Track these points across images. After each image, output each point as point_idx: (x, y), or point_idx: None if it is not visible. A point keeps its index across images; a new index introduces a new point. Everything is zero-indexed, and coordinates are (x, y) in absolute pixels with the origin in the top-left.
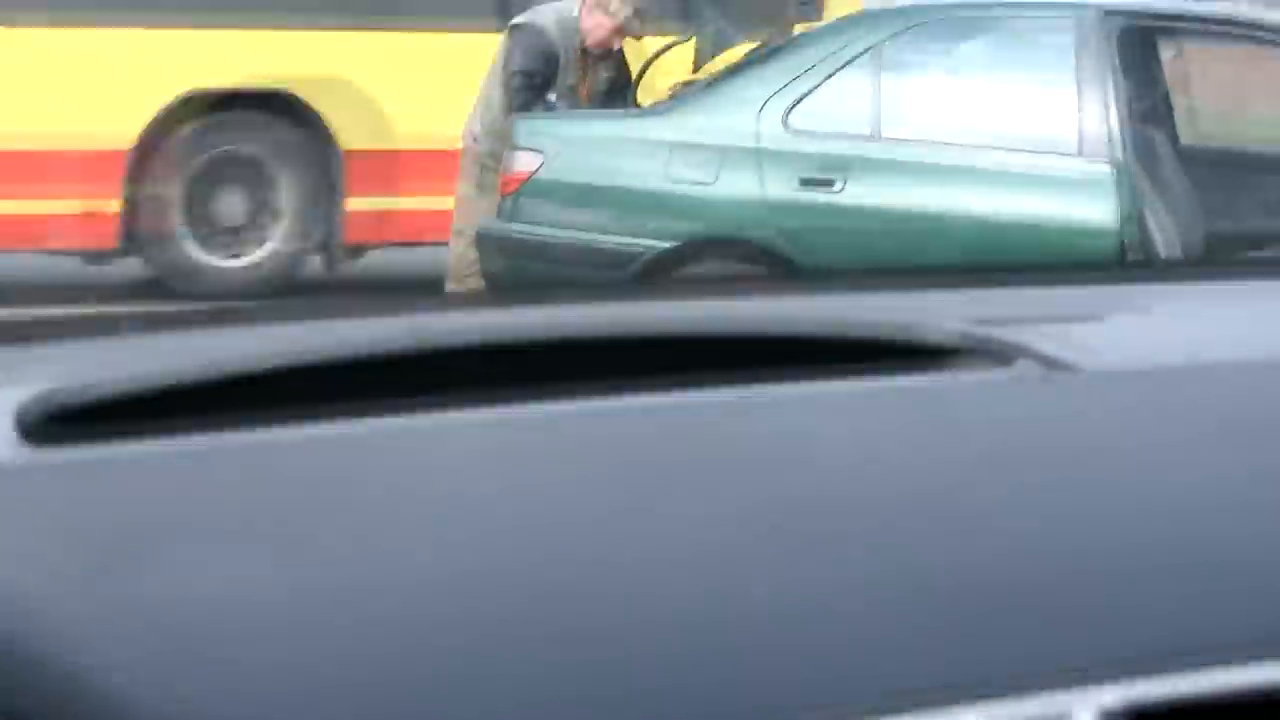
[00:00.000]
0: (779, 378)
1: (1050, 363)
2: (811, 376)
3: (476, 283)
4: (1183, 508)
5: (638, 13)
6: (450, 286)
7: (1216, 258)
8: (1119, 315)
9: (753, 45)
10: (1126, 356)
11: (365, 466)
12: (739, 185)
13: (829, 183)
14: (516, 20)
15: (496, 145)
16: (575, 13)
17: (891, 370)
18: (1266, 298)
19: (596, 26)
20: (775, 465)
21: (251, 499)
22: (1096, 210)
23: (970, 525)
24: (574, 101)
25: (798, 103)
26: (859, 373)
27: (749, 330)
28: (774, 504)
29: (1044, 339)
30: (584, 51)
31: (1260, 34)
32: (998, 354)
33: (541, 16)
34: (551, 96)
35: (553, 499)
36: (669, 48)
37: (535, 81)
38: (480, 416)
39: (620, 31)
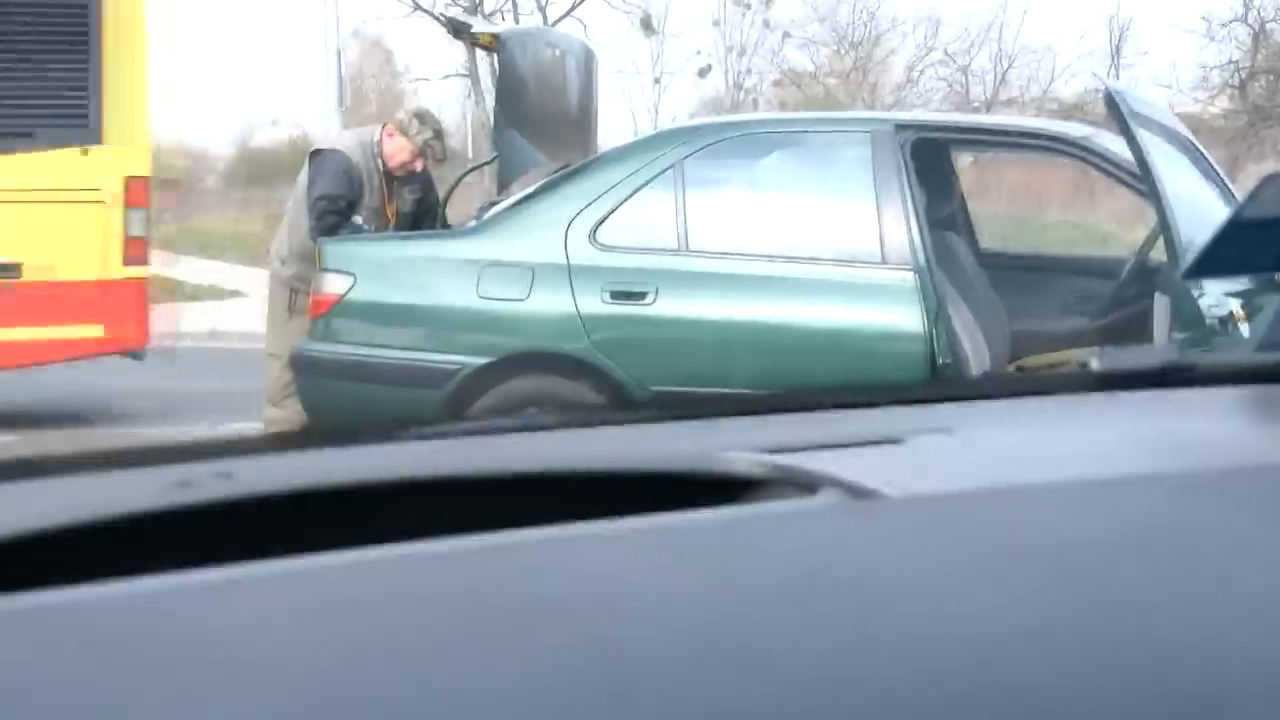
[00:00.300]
0: (583, 515)
1: (854, 491)
2: (616, 513)
3: (294, 404)
4: (983, 634)
5: (438, 135)
6: (267, 410)
7: (1021, 357)
8: (922, 438)
9: (557, 164)
10: (931, 482)
11: (153, 628)
12: (551, 301)
13: (640, 295)
14: (318, 145)
15: (304, 268)
16: (376, 136)
17: (696, 504)
18: (1063, 415)
19: (397, 150)
20: (576, 607)
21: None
22: (902, 315)
23: (771, 659)
24: (380, 223)
25: (605, 219)
26: (663, 508)
27: (552, 469)
28: (576, 648)
29: (848, 466)
30: (387, 174)
31: (1048, 144)
32: (802, 484)
33: (343, 141)
34: (358, 219)
35: (353, 649)
36: (475, 168)
37: (339, 205)
38: (270, 569)
39: (420, 155)
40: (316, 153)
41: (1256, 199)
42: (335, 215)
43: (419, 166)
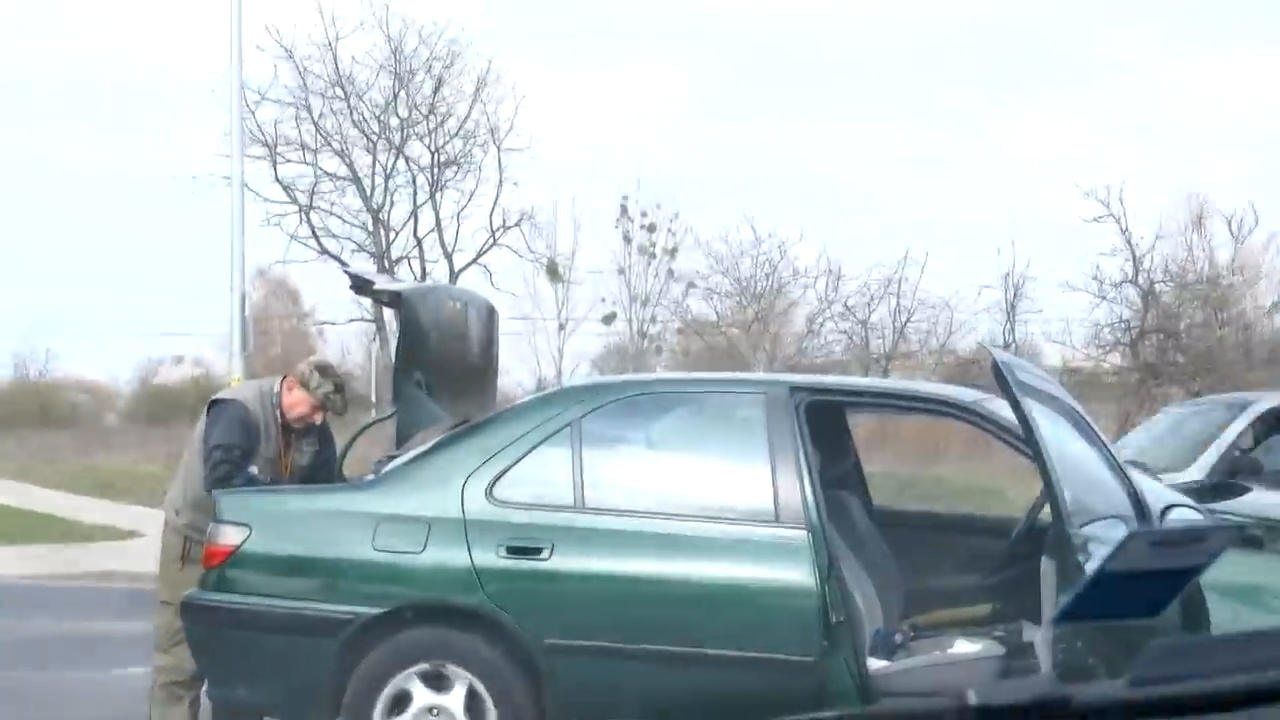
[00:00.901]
0: None
1: None
2: None
3: (181, 651)
4: None
5: (339, 389)
6: (155, 657)
7: (914, 614)
8: None
9: (457, 419)
10: None
11: None
12: (447, 554)
13: (536, 550)
14: (216, 396)
15: (198, 518)
16: (276, 388)
17: None
18: None
19: (297, 403)
20: None
21: None
22: (796, 572)
23: None
24: (276, 474)
25: (502, 475)
26: None
27: None
28: None
29: None
30: (285, 425)
31: (939, 408)
32: None
33: (241, 392)
34: (253, 469)
35: None
36: (375, 422)
37: (234, 455)
38: None
39: (320, 407)
40: (214, 403)
41: (1120, 555)
42: (229, 465)
43: (318, 419)
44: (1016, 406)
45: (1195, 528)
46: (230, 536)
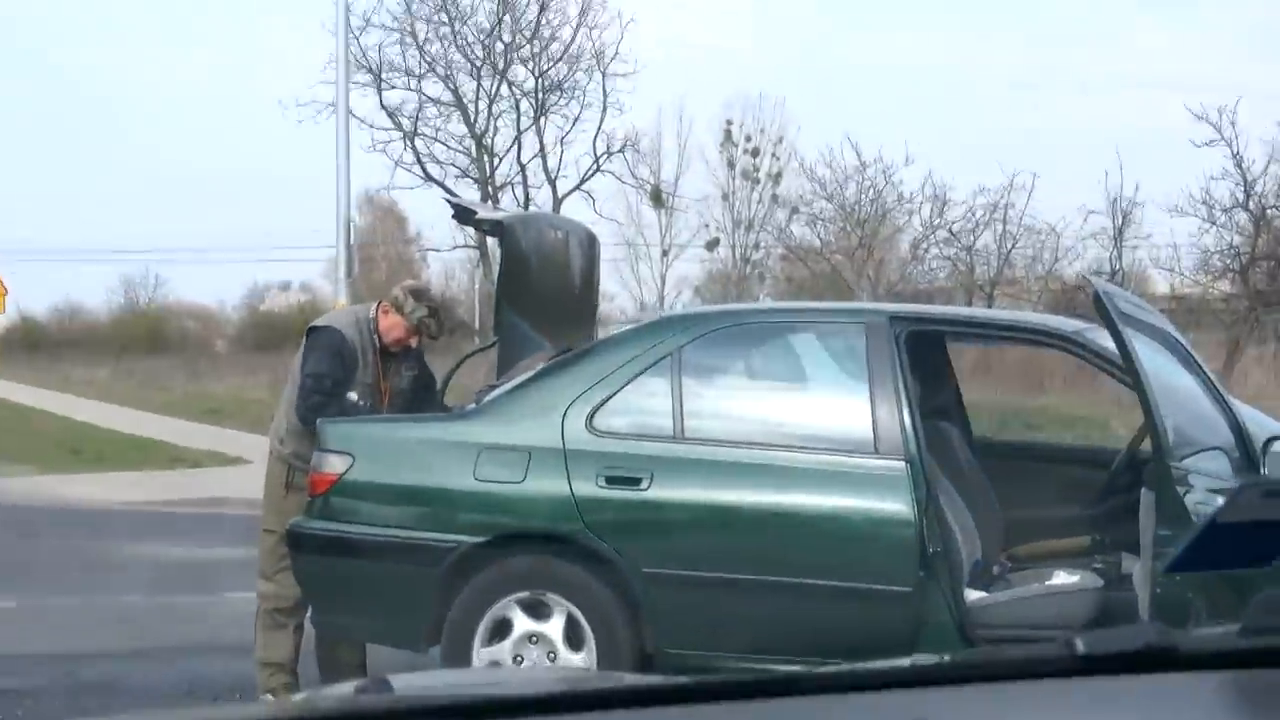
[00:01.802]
0: None
1: None
2: None
3: (285, 579)
4: None
5: (433, 313)
6: (260, 584)
7: (1013, 545)
8: None
9: (557, 349)
10: None
11: None
12: (547, 484)
13: (635, 481)
14: (314, 323)
15: (301, 446)
16: (372, 313)
17: None
18: (1048, 707)
19: (392, 327)
20: None
21: None
22: (894, 503)
23: None
24: (375, 399)
25: (602, 405)
26: None
27: None
28: None
29: None
30: (383, 350)
31: (1040, 338)
32: None
33: (339, 319)
34: (352, 395)
35: None
36: (476, 351)
37: (324, 385)
38: None
39: (415, 331)
40: (312, 330)
41: (1231, 505)
42: (321, 395)
43: (414, 343)
44: (1117, 337)
45: None
46: (334, 465)
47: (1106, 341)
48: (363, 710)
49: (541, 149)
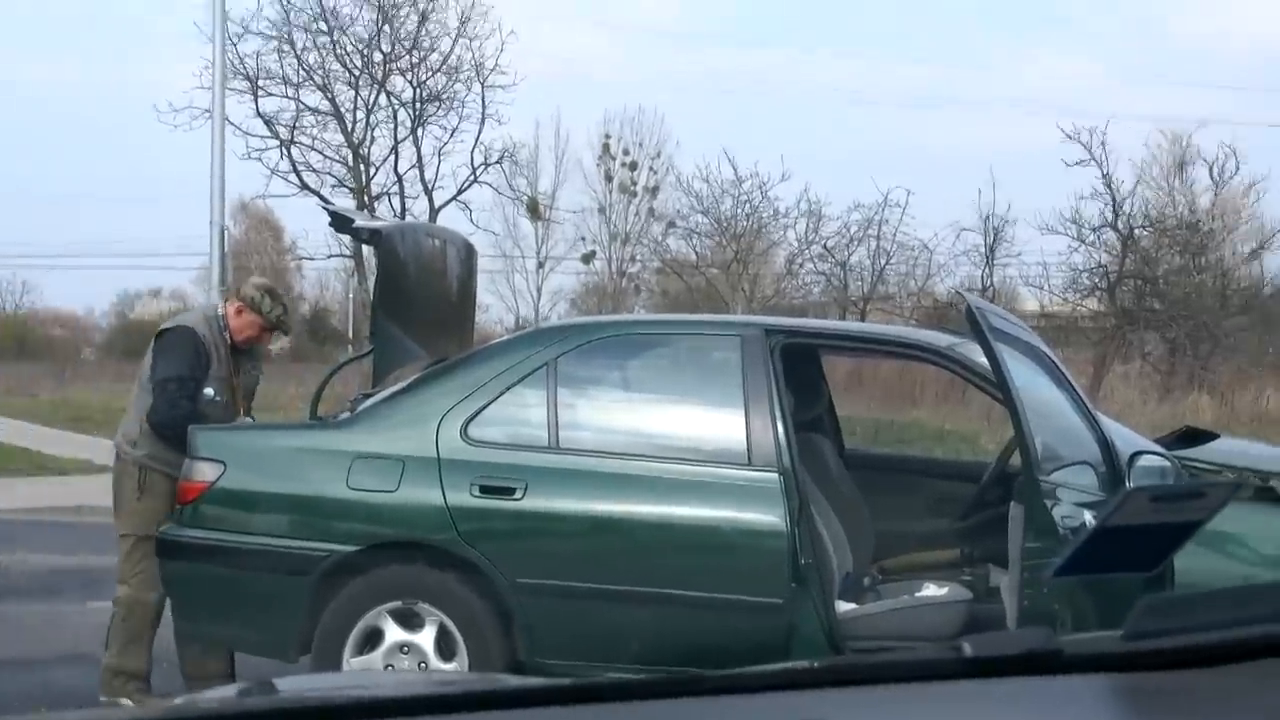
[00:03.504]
0: None
1: None
2: None
3: (141, 582)
4: None
5: (286, 310)
6: (120, 590)
7: (883, 558)
8: None
9: (433, 358)
10: None
11: None
12: (420, 493)
13: (509, 490)
14: (165, 326)
15: (156, 448)
16: (221, 310)
17: None
18: (937, 707)
19: (247, 325)
20: None
21: None
22: (767, 514)
23: None
24: (228, 394)
25: (477, 414)
26: None
27: None
28: None
29: None
30: (232, 347)
31: (914, 352)
32: None
33: (188, 319)
34: (209, 391)
35: None
36: (350, 360)
37: (188, 387)
38: None
39: (272, 328)
40: (164, 332)
41: (1120, 510)
42: (183, 395)
43: (267, 340)
44: (989, 351)
45: (1198, 483)
46: (205, 472)
47: (978, 356)
48: (248, 711)
49: (419, 159)
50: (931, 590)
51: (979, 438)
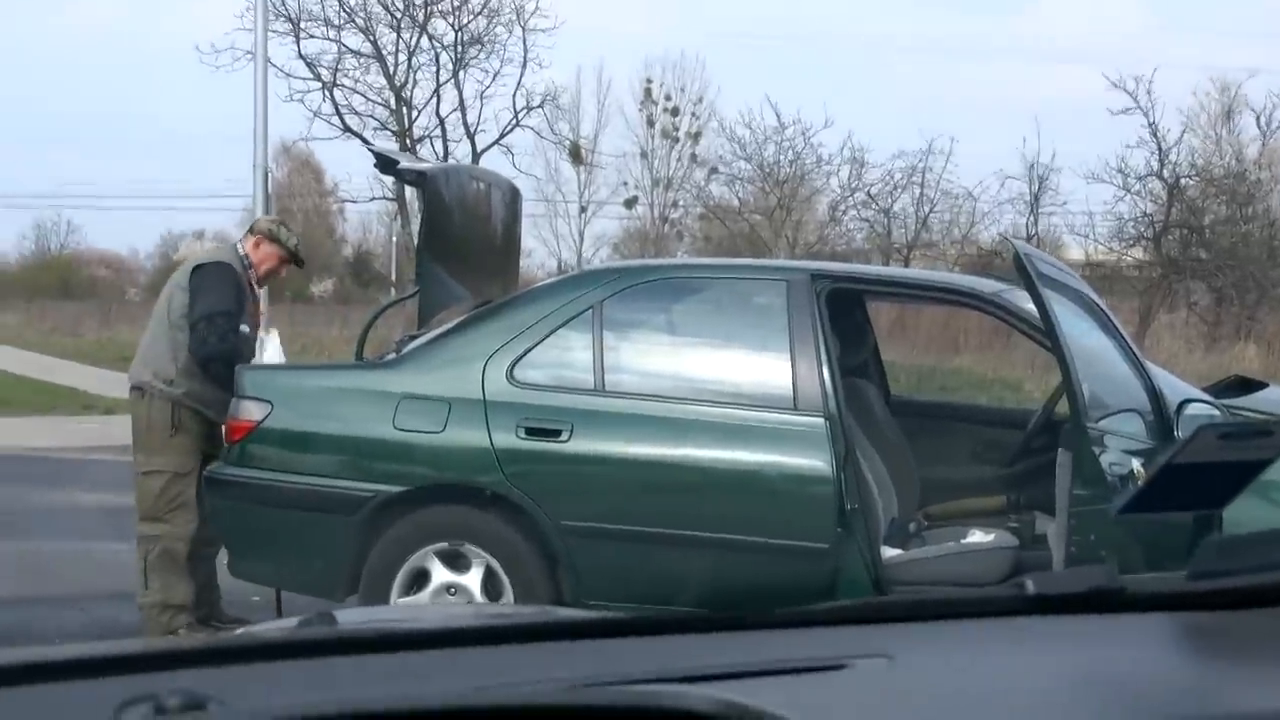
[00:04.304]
0: None
1: None
2: None
3: (180, 517)
4: None
5: (299, 241)
6: (146, 527)
7: (929, 504)
8: (864, 665)
9: (479, 300)
10: None
11: None
12: (466, 435)
13: (555, 433)
14: (202, 262)
15: (194, 385)
16: (243, 249)
17: None
18: (999, 643)
19: (268, 257)
20: None
21: None
22: (812, 459)
23: None
24: (255, 331)
25: (522, 357)
26: None
27: (511, 703)
28: None
29: (798, 700)
30: (254, 283)
31: (959, 299)
32: None
33: (221, 255)
34: (244, 328)
35: None
36: (395, 302)
37: (235, 320)
38: None
39: (290, 258)
40: (202, 268)
41: (1188, 447)
42: (235, 334)
43: (284, 272)
44: (1037, 298)
45: (1266, 421)
46: (253, 412)
47: (1025, 303)
48: (309, 640)
49: (461, 103)
50: (978, 537)
51: (1023, 385)
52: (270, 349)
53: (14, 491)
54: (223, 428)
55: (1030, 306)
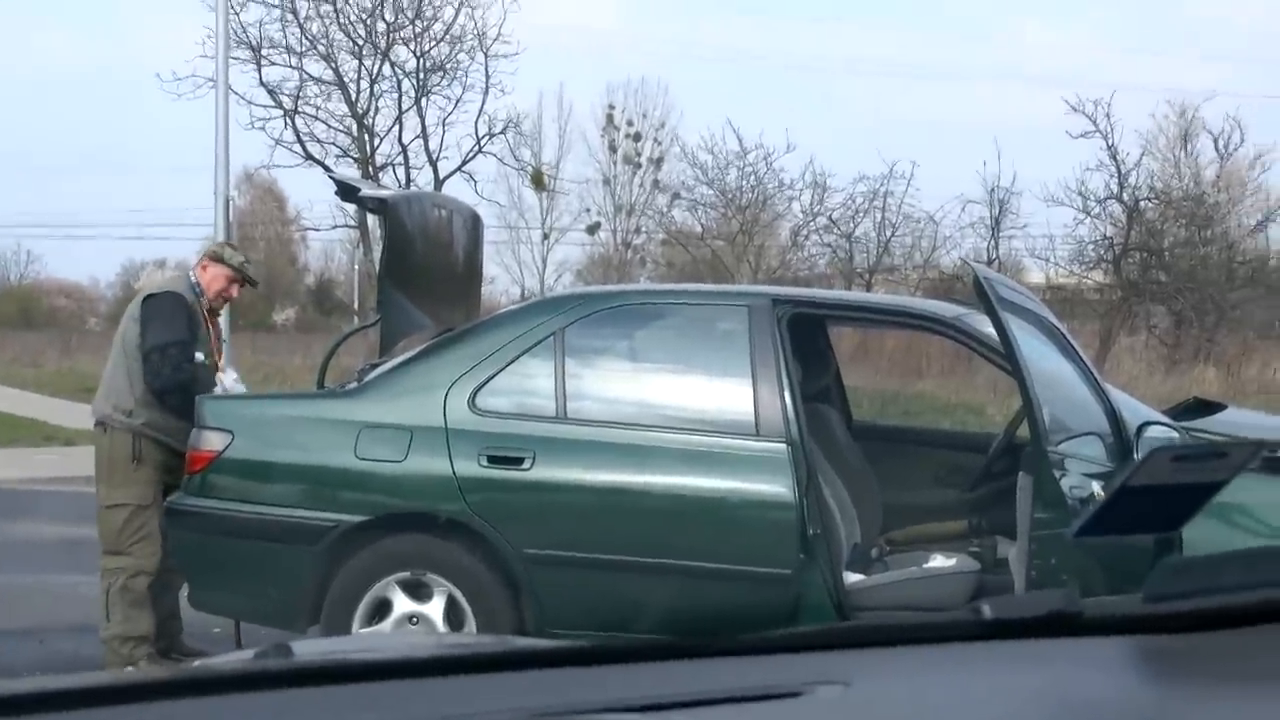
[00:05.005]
0: None
1: None
2: None
3: (143, 549)
4: None
5: (247, 260)
6: (109, 560)
7: (892, 529)
8: (821, 692)
9: (441, 328)
10: None
11: None
12: (428, 463)
13: (517, 460)
14: (152, 292)
15: (154, 415)
16: (193, 277)
17: None
18: (957, 669)
19: (215, 278)
20: None
21: None
22: (775, 485)
23: None
24: (211, 359)
25: (484, 384)
26: None
27: None
28: None
29: None
30: (208, 310)
31: (921, 323)
32: None
33: (173, 285)
34: (199, 355)
35: None
36: (356, 330)
37: (188, 350)
38: None
39: (237, 277)
40: (151, 297)
41: (1143, 470)
42: (189, 363)
43: (235, 293)
44: (997, 322)
45: (1220, 443)
46: (213, 442)
47: (986, 327)
48: (266, 673)
49: (423, 129)
50: (939, 561)
51: (985, 409)
52: (229, 385)
53: None
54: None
55: (991, 330)
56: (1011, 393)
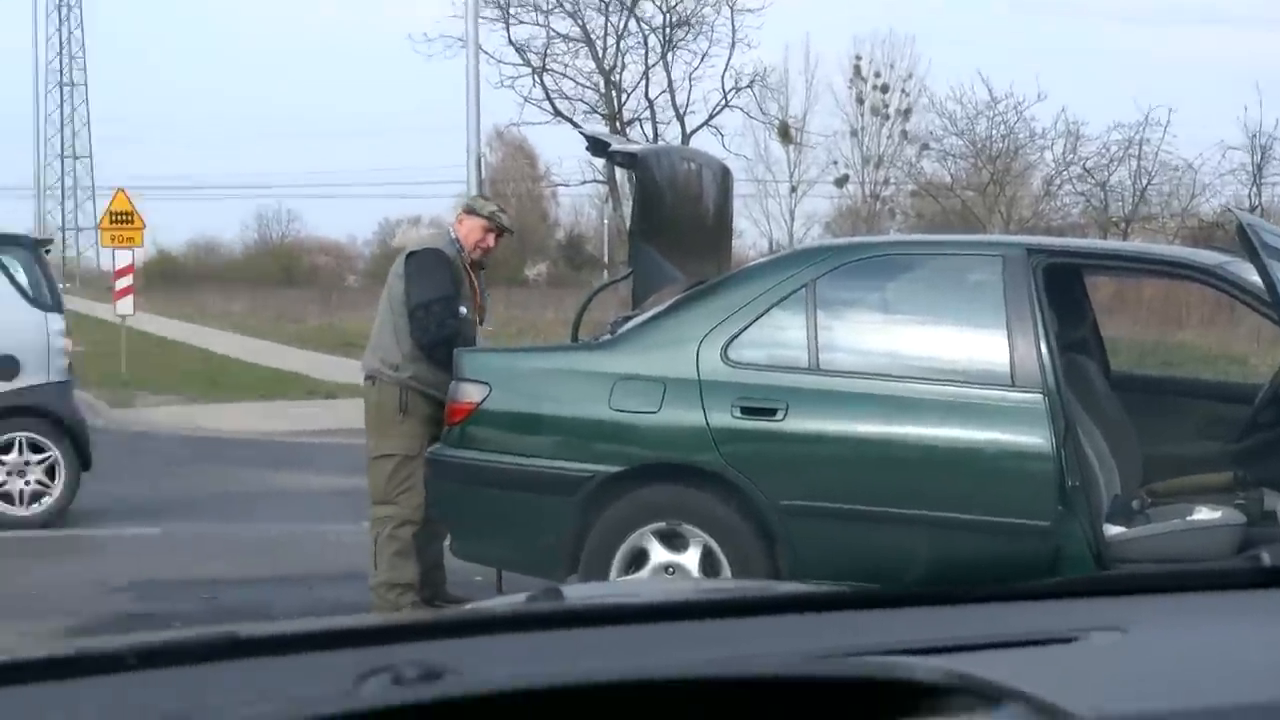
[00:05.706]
0: None
1: (1041, 709)
2: None
3: (409, 499)
4: None
5: (501, 208)
6: (378, 510)
7: (1152, 481)
8: (1095, 638)
9: (692, 280)
10: (1118, 700)
11: None
12: (682, 415)
13: (771, 412)
14: (414, 249)
15: (421, 369)
16: (452, 234)
17: (876, 714)
18: (1234, 616)
19: (470, 230)
20: None
21: None
22: (1032, 436)
23: None
24: (475, 314)
25: (737, 336)
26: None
27: (741, 675)
28: None
29: (1028, 674)
30: (470, 265)
31: (1180, 272)
32: (986, 695)
33: (434, 241)
34: (464, 310)
35: None
36: (608, 284)
37: (452, 305)
38: None
39: (491, 225)
40: (415, 255)
41: None
42: (454, 318)
43: (491, 241)
44: (1262, 269)
45: None
46: (471, 394)
47: (1250, 275)
48: (540, 614)
49: (670, 84)
50: (1204, 514)
51: (1249, 359)
52: None
53: (248, 474)
54: None
55: (1255, 278)
56: (1277, 342)
